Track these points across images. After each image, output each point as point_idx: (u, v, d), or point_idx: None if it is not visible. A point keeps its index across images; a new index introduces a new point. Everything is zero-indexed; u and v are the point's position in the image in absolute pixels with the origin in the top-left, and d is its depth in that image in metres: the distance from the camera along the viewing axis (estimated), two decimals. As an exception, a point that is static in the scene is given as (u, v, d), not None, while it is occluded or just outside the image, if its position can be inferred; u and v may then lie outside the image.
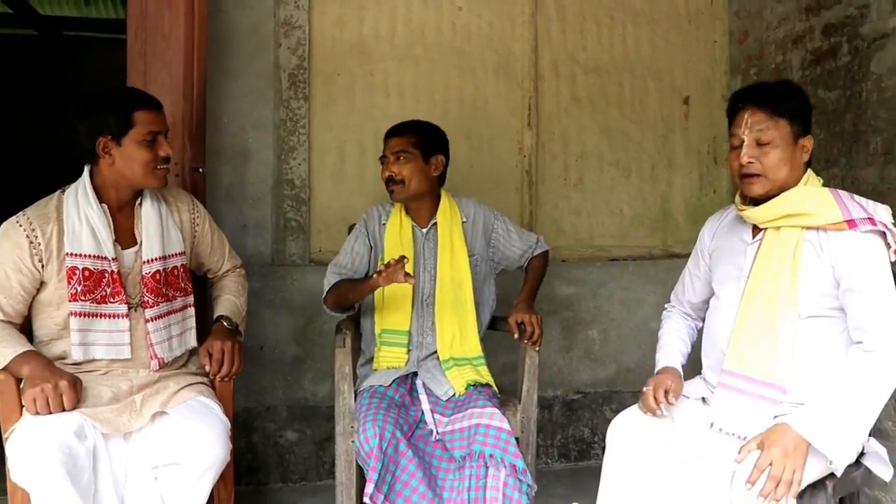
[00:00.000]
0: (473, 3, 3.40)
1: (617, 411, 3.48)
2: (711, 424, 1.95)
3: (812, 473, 1.78)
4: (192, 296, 2.26)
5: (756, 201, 1.97)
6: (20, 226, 1.98)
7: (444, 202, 2.58)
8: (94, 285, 2.02)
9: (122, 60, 2.74)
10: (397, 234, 2.48)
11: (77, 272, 2.00)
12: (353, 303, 2.49)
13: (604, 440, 3.48)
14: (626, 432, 2.02)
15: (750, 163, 1.90)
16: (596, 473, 2.11)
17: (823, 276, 1.87)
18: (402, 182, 2.46)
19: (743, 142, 1.91)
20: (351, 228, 2.78)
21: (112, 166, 2.04)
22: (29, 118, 7.29)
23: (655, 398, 2.00)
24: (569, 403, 3.48)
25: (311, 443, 3.18)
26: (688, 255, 3.55)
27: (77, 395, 1.90)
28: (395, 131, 2.55)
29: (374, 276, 2.26)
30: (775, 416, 1.87)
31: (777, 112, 1.89)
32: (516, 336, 2.43)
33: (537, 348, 2.44)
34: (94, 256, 2.03)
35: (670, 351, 2.20)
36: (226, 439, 1.98)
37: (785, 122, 1.88)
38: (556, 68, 3.50)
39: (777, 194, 1.92)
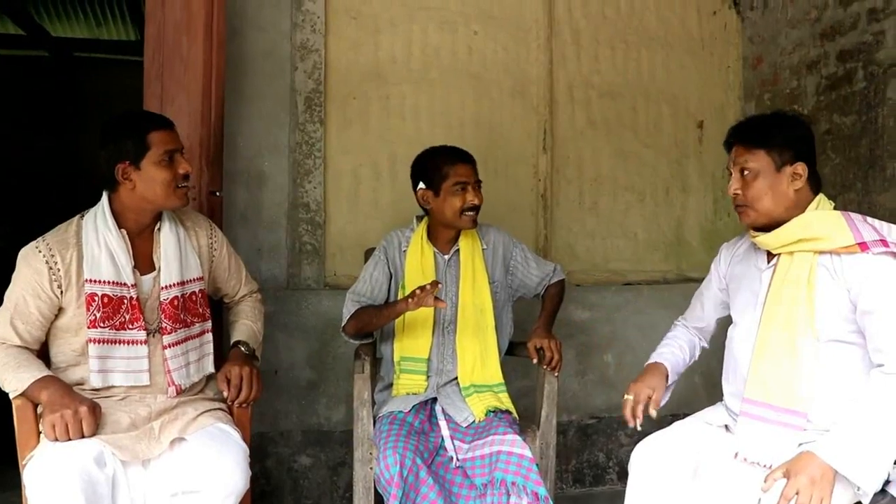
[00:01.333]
0: (489, 27, 3.41)
1: (631, 436, 3.52)
2: (736, 454, 1.93)
3: (840, 502, 1.75)
4: (210, 321, 2.24)
5: (766, 228, 1.99)
6: (39, 252, 1.97)
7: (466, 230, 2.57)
8: (112, 312, 2.01)
9: (132, 82, 2.75)
10: (419, 260, 2.47)
11: (96, 298, 1.99)
12: (376, 329, 2.48)
13: (619, 465, 3.49)
14: (650, 460, 1.99)
15: (735, 194, 1.98)
16: (611, 498, 2.09)
17: (840, 300, 1.86)
18: (479, 210, 2.47)
19: (731, 175, 2.00)
20: (368, 253, 2.77)
21: (133, 191, 2.03)
22: (41, 139, 7.33)
23: (633, 411, 2.05)
24: (584, 428, 3.45)
25: (326, 468, 3.15)
26: (702, 280, 3.62)
27: (97, 421, 1.88)
28: (467, 157, 2.50)
29: (403, 301, 2.25)
30: (800, 444, 1.85)
31: (754, 144, 1.94)
32: (535, 361, 2.41)
33: (557, 374, 2.42)
34: (113, 283, 2.02)
35: (663, 350, 2.24)
36: (245, 466, 1.96)
37: (763, 153, 1.92)
38: (571, 92, 3.51)
39: (769, 223, 1.96)
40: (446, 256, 2.51)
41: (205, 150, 2.65)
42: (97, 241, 2.02)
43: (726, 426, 2.05)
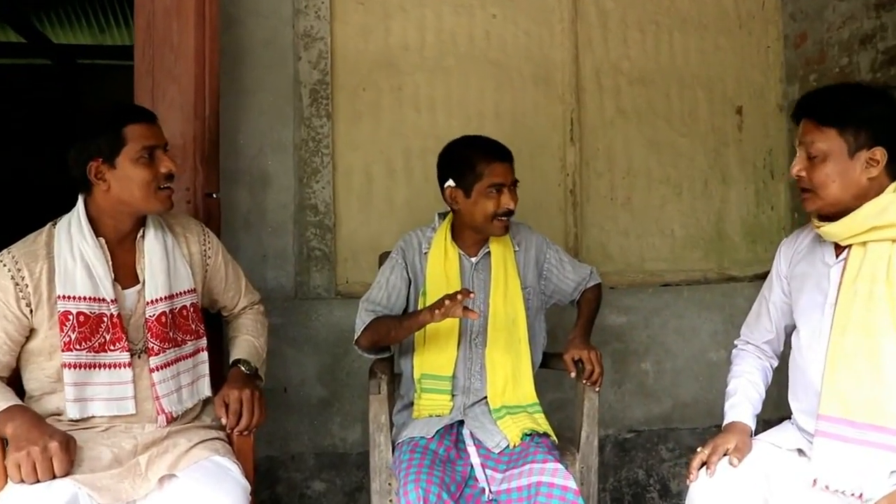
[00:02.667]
0: (508, 10, 3.14)
1: (673, 451, 3.23)
2: (815, 481, 1.64)
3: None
4: (204, 338, 1.98)
5: (833, 216, 1.71)
6: (4, 265, 1.72)
7: None
8: (90, 332, 1.75)
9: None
10: (441, 264, 2.18)
11: (71, 317, 1.73)
12: (394, 342, 2.20)
13: (660, 483, 3.20)
14: (712, 495, 1.70)
15: (800, 176, 1.71)
16: None
17: None
18: (512, 214, 2.17)
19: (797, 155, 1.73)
20: (383, 258, 2.50)
21: (108, 193, 1.77)
22: (44, 148, 7.14)
23: (708, 462, 1.72)
24: (621, 443, 3.16)
25: (342, 493, 2.88)
26: (746, 279, 3.34)
27: (70, 457, 1.62)
28: (506, 154, 2.18)
29: (427, 311, 1.97)
30: (894, 471, 1.58)
31: (824, 122, 1.66)
32: (573, 375, 2.13)
33: (597, 388, 2.13)
34: (90, 299, 1.76)
35: (740, 401, 1.90)
36: (245, 506, 1.70)
37: (835, 134, 1.65)
38: (599, 79, 3.23)
39: (837, 212, 1.69)
40: (474, 260, 2.23)
41: (199, 147, 2.39)
42: (71, 251, 1.76)
43: (799, 450, 1.76)
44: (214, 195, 2.41)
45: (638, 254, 3.27)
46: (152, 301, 1.84)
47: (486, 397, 2.14)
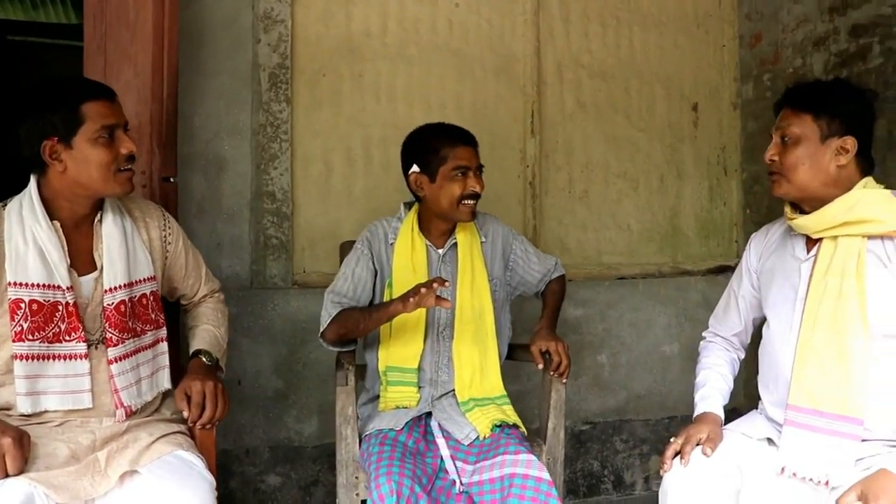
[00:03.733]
0: (471, -1, 3.11)
1: (627, 442, 3.27)
2: (783, 469, 1.68)
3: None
4: (164, 328, 1.90)
5: (800, 206, 1.77)
6: None
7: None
8: (44, 321, 1.66)
9: (78, 66, 2.40)
10: (408, 255, 2.14)
11: (23, 306, 1.64)
12: (363, 335, 2.15)
13: (615, 474, 3.23)
14: (685, 484, 1.72)
15: (772, 160, 1.76)
16: None
17: (893, 290, 1.65)
18: (479, 197, 2.15)
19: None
20: (344, 247, 2.45)
21: (64, 174, 1.67)
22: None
23: (681, 452, 1.73)
24: (577, 435, 3.18)
25: (297, 487, 2.82)
26: (699, 273, 3.40)
27: (24, 455, 1.53)
28: (469, 138, 2.19)
29: (399, 301, 1.92)
30: (860, 459, 1.62)
31: (802, 108, 1.72)
32: (540, 366, 2.12)
33: (565, 380, 2.13)
34: (43, 286, 1.66)
35: (710, 392, 1.93)
36: (212, 501, 1.63)
37: (810, 119, 1.70)
38: (560, 72, 3.23)
39: (802, 198, 1.75)
40: (441, 251, 2.20)
41: (156, 130, 2.29)
42: (23, 235, 1.67)
43: (768, 439, 1.79)
44: (172, 179, 2.32)
45: (595, 247, 3.28)
46: (111, 289, 1.75)
47: (453, 390, 2.11)
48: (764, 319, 1.93)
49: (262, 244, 2.82)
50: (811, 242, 1.79)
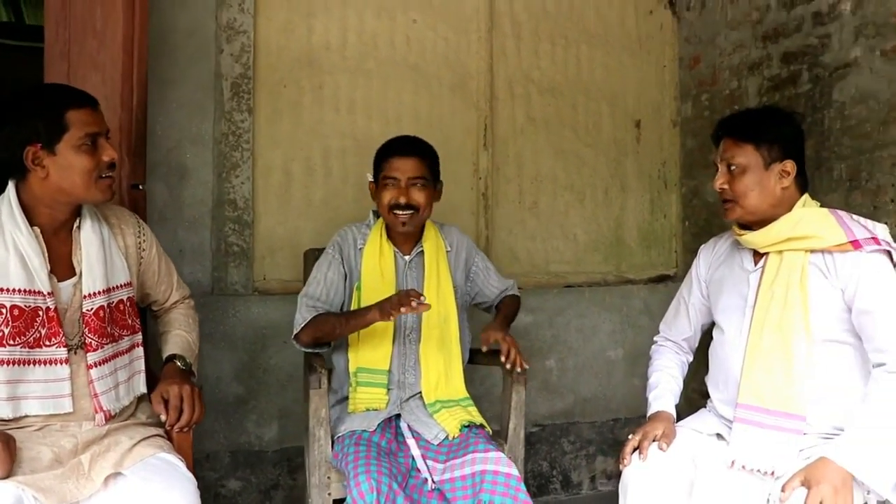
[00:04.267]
0: (428, 16, 3.22)
1: (574, 443, 3.41)
2: (733, 462, 1.83)
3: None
4: (140, 333, 1.94)
5: (750, 225, 1.94)
6: None
7: (430, 229, 2.37)
8: (25, 326, 1.67)
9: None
10: (377, 261, 2.23)
11: (4, 311, 1.66)
12: (339, 338, 2.22)
13: (562, 474, 3.37)
14: (644, 477, 1.85)
15: (722, 189, 1.92)
16: None
17: (833, 299, 1.82)
18: (417, 210, 2.22)
19: (718, 169, 1.94)
20: (308, 255, 2.52)
21: (46, 180, 1.70)
22: None
23: (640, 448, 1.87)
24: (527, 437, 3.22)
25: (257, 491, 2.86)
26: (641, 282, 3.58)
27: (11, 457, 1.56)
28: (409, 151, 2.26)
29: (377, 311, 2.01)
30: (802, 449, 1.79)
31: (743, 139, 1.89)
32: (484, 349, 2.16)
33: (519, 369, 2.18)
34: (24, 291, 1.68)
35: (663, 392, 2.08)
36: (197, 501, 1.68)
37: (752, 149, 1.88)
38: (512, 88, 3.37)
39: (755, 220, 1.91)
40: (407, 258, 2.29)
41: (125, 138, 2.32)
42: (3, 241, 1.68)
43: (718, 434, 1.94)
44: (140, 186, 2.35)
45: (543, 256, 3.43)
46: (90, 294, 1.78)
47: (420, 392, 2.20)
48: (711, 325, 2.09)
49: (223, 251, 2.86)
50: (758, 255, 1.95)
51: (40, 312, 1.70)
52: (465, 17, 3.28)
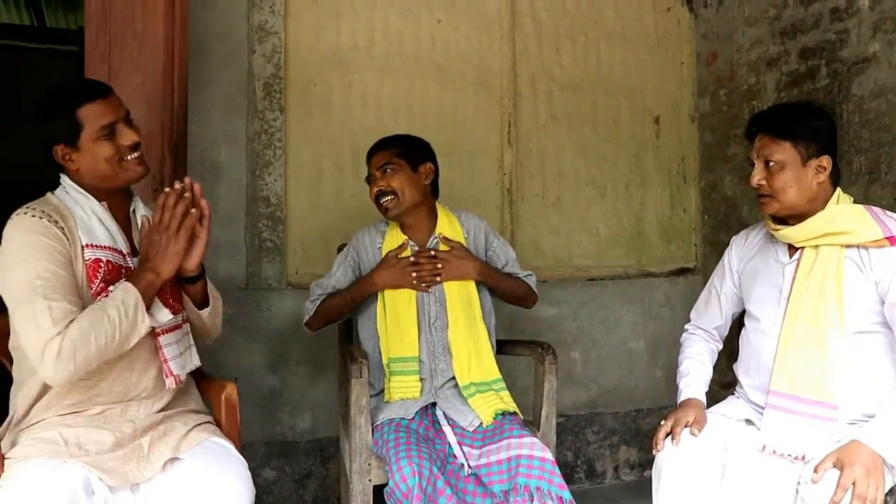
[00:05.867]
0: (452, 16, 3.29)
1: (599, 434, 3.48)
2: (764, 447, 1.89)
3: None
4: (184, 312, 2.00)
5: (785, 219, 1.99)
6: (43, 219, 1.67)
7: (443, 217, 2.45)
8: (113, 280, 1.72)
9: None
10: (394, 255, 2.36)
11: (101, 265, 1.71)
12: (347, 314, 2.41)
13: (587, 464, 3.44)
14: (677, 462, 1.91)
15: (760, 184, 1.95)
16: (581, 498, 2.02)
17: (867, 293, 1.88)
18: (395, 194, 2.33)
19: (755, 165, 1.98)
20: (341, 248, 2.60)
21: (80, 172, 1.77)
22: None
23: (672, 433, 1.93)
24: (551, 428, 3.37)
25: (292, 480, 2.94)
26: (662, 275, 3.64)
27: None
28: (376, 147, 2.45)
29: (370, 277, 2.27)
30: (831, 434, 1.84)
31: (781, 135, 1.92)
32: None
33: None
34: (111, 249, 1.76)
35: (694, 380, 2.13)
36: (250, 483, 1.75)
37: (790, 146, 1.91)
38: (534, 85, 3.43)
39: (791, 214, 1.96)
40: (427, 247, 2.38)
41: (167, 137, 2.40)
42: (82, 210, 1.76)
43: (747, 420, 2.00)
44: (182, 185, 2.42)
45: (567, 250, 3.49)
46: None
47: (453, 378, 2.28)
48: (741, 314, 2.15)
49: (257, 247, 2.94)
50: (792, 248, 2.01)
51: (123, 270, 1.76)
52: (488, 16, 3.35)
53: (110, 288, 1.69)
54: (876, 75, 2.80)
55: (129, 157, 1.79)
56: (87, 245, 1.71)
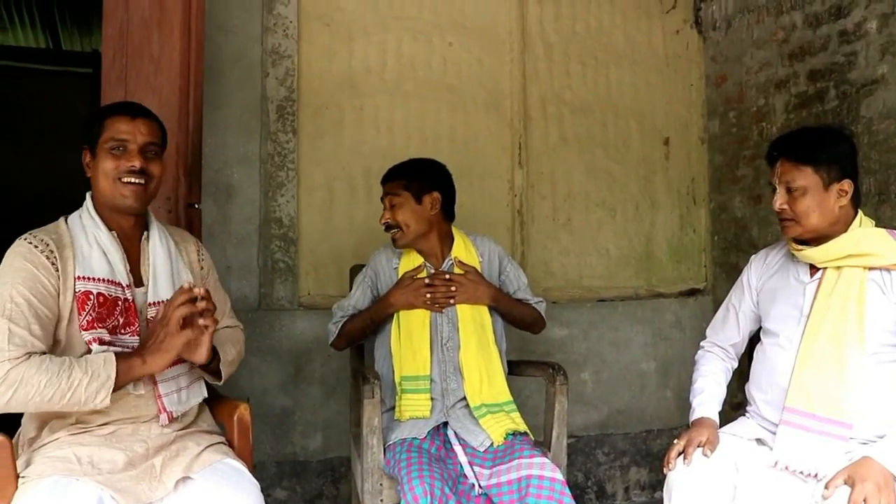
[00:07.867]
0: (463, 39, 3.33)
1: (609, 454, 3.47)
2: (776, 463, 1.89)
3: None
4: None
5: (806, 241, 1.99)
6: (38, 248, 1.71)
7: (459, 240, 2.48)
8: (107, 313, 1.75)
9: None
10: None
11: (91, 297, 1.73)
12: (370, 334, 2.46)
13: (597, 485, 3.43)
14: (688, 481, 1.91)
15: (782, 208, 1.95)
16: None
17: (888, 314, 1.89)
18: (400, 227, 2.38)
19: (776, 189, 1.98)
20: (353, 270, 2.62)
21: (95, 186, 1.83)
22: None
23: (684, 453, 1.93)
24: (562, 449, 3.36)
25: (302, 501, 2.94)
26: (672, 295, 3.64)
27: None
28: (387, 176, 2.48)
29: (387, 297, 2.31)
30: (846, 452, 1.84)
31: (802, 161, 1.92)
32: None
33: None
34: (107, 281, 1.77)
35: (708, 398, 2.13)
36: (262, 504, 1.77)
37: (811, 171, 1.91)
38: (544, 107, 3.46)
39: (814, 237, 1.96)
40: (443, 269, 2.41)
41: (182, 159, 2.44)
42: (86, 238, 1.79)
43: (758, 439, 2.00)
44: (196, 205, 2.45)
45: (577, 271, 3.50)
46: (154, 303, 1.86)
47: (464, 398, 2.29)
48: (757, 331, 2.16)
49: (269, 268, 2.96)
50: (814, 268, 2.01)
51: (119, 302, 1.78)
52: (499, 39, 3.39)
53: (99, 332, 1.71)
54: (884, 97, 2.82)
55: (124, 180, 1.81)
56: (79, 277, 1.73)
